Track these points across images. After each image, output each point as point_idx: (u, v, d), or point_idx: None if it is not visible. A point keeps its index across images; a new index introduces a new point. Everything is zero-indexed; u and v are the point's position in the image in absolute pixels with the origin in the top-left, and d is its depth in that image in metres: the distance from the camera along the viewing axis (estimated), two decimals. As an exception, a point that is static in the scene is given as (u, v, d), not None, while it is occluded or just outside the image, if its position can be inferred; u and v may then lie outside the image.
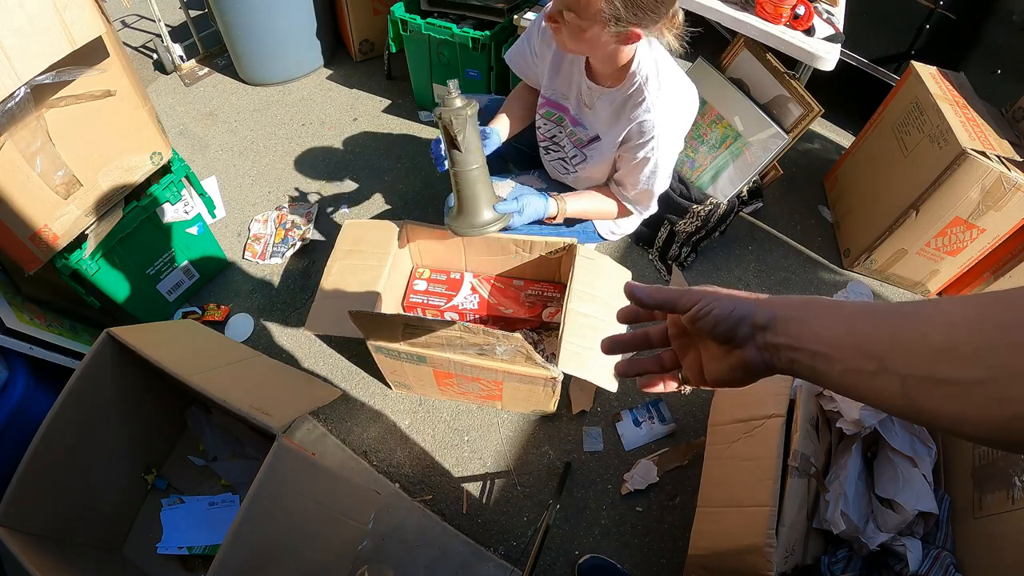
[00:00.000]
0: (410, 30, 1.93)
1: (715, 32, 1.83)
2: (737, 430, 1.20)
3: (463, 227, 1.09)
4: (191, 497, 1.33)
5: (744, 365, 0.40)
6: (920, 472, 1.09)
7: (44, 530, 1.08)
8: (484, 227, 1.09)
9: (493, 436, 1.50)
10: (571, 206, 1.22)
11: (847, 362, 0.34)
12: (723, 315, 0.40)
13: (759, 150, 1.55)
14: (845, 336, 0.35)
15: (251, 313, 1.72)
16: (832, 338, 0.35)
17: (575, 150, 1.25)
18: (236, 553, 0.91)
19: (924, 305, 0.33)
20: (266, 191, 2.03)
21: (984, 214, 1.54)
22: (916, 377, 0.31)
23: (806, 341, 0.37)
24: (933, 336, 0.31)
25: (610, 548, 1.35)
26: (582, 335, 1.16)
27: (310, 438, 1.47)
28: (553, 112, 1.26)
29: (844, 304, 0.37)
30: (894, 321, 0.33)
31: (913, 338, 0.32)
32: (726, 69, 1.65)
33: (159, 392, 1.30)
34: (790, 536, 1.00)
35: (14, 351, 1.21)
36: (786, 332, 0.38)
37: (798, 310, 0.38)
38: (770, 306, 0.39)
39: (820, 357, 0.36)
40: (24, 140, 1.08)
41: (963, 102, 1.65)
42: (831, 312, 0.37)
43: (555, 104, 1.24)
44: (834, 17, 1.55)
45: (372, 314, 1.12)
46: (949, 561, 1.03)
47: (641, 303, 0.45)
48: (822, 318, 0.37)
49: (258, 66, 2.34)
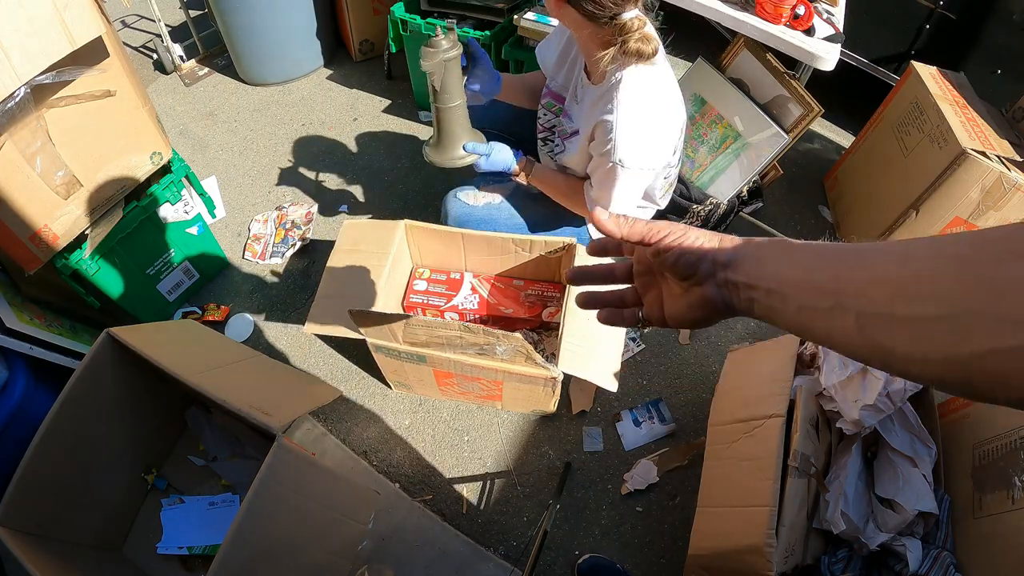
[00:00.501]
0: (410, 30, 1.93)
1: (715, 32, 1.83)
2: (737, 430, 1.20)
3: (435, 157, 1.17)
4: (191, 497, 1.33)
5: (703, 303, 0.41)
6: (920, 472, 1.09)
7: (44, 530, 1.08)
8: (453, 160, 1.16)
9: (493, 436, 1.50)
10: (538, 173, 1.26)
11: (802, 299, 0.34)
12: (686, 250, 0.41)
13: (759, 150, 1.55)
14: (802, 274, 0.35)
15: (251, 313, 1.72)
16: (788, 276, 0.36)
17: (561, 142, 1.26)
18: (236, 553, 0.91)
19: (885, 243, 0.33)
20: (266, 191, 2.03)
21: (984, 214, 1.54)
22: (872, 314, 0.31)
23: (763, 279, 0.37)
24: (891, 272, 0.31)
25: (610, 548, 1.35)
26: (582, 335, 1.16)
27: (310, 438, 1.47)
28: (554, 103, 1.27)
29: (805, 244, 0.37)
30: (851, 259, 0.33)
31: (870, 275, 0.32)
32: (726, 69, 1.65)
33: (159, 392, 1.30)
34: (790, 536, 0.99)
35: (14, 351, 1.21)
36: (745, 270, 0.38)
37: (759, 250, 0.38)
38: (733, 246, 0.40)
39: (776, 295, 0.36)
40: (24, 140, 1.08)
41: (963, 102, 1.65)
42: (791, 251, 0.37)
43: (557, 96, 1.26)
44: (834, 17, 1.55)
45: (372, 313, 1.12)
46: (949, 561, 1.03)
47: (610, 234, 0.45)
48: (781, 257, 0.37)
49: (258, 66, 2.34)
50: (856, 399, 1.09)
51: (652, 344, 1.67)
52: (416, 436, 1.50)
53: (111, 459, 1.24)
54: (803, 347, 1.24)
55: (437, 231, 1.36)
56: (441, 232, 1.36)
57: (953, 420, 1.23)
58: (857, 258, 0.33)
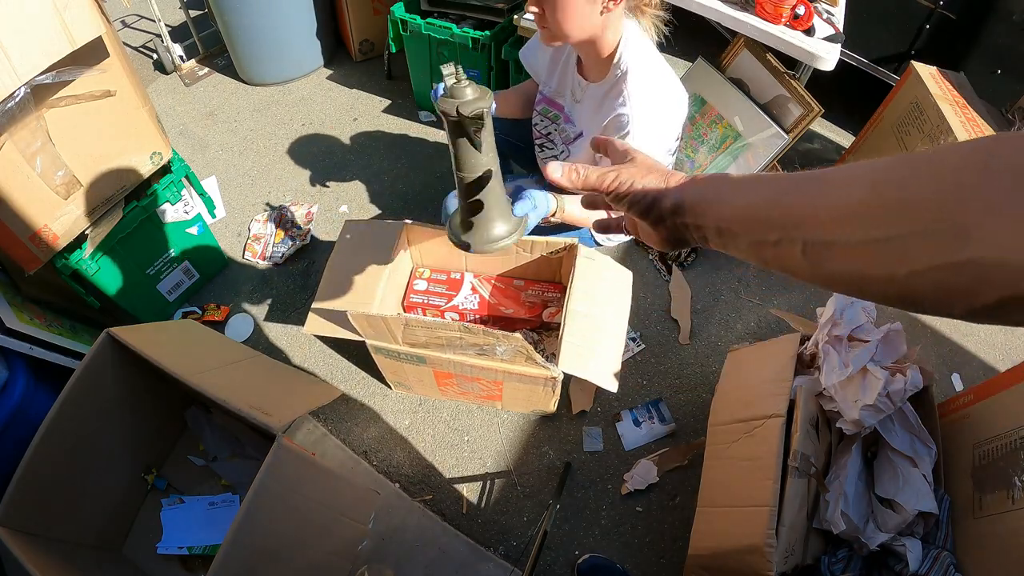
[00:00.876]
0: (410, 30, 1.93)
1: (715, 32, 1.83)
2: (737, 430, 1.20)
3: (480, 243, 0.83)
4: (191, 497, 1.33)
5: (666, 240, 0.44)
6: (920, 472, 1.09)
7: (44, 530, 1.08)
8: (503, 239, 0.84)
9: (493, 436, 1.50)
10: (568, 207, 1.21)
11: (752, 235, 0.36)
12: (636, 198, 0.44)
13: (759, 150, 1.55)
14: (747, 210, 0.37)
15: (251, 313, 1.72)
16: (734, 214, 0.37)
17: (563, 147, 1.26)
18: (236, 553, 0.91)
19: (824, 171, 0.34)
20: (266, 191, 2.03)
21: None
22: (816, 242, 0.32)
23: (712, 220, 0.39)
24: (832, 200, 0.32)
25: (610, 548, 1.35)
26: (582, 335, 1.16)
27: (310, 439, 1.47)
28: (549, 110, 1.26)
29: (748, 180, 0.38)
30: (792, 190, 0.34)
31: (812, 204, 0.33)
32: (726, 69, 1.65)
33: (159, 392, 1.30)
34: (790, 536, 0.99)
35: (14, 351, 1.20)
36: (692, 213, 0.40)
37: (703, 191, 0.40)
38: (679, 191, 0.41)
39: (726, 232, 0.38)
40: (24, 140, 1.08)
41: (963, 102, 1.65)
42: (734, 189, 0.38)
43: (552, 102, 1.25)
44: (834, 17, 1.55)
45: (372, 315, 1.12)
46: (949, 561, 1.03)
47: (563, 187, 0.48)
48: (725, 196, 0.39)
49: (258, 66, 2.34)
50: (856, 399, 1.09)
51: (652, 344, 1.67)
52: (416, 436, 1.50)
53: (111, 459, 1.24)
54: (803, 347, 1.24)
55: (437, 231, 1.36)
56: (441, 232, 1.35)
57: (953, 420, 1.23)
58: (798, 189, 0.34)
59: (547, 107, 1.27)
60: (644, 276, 1.81)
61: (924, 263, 0.27)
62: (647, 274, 1.83)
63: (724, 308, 1.76)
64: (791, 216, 0.34)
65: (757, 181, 0.37)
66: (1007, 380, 1.15)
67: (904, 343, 1.15)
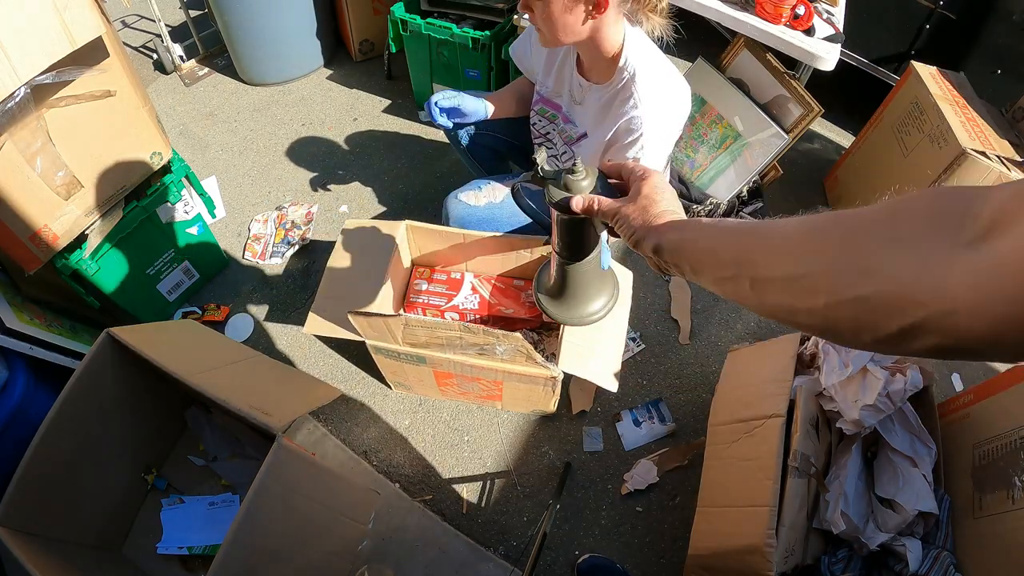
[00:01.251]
0: (410, 30, 1.93)
1: (715, 32, 1.83)
2: (737, 430, 1.20)
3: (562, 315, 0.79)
4: (191, 497, 1.33)
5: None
6: (920, 472, 1.09)
7: (44, 530, 1.08)
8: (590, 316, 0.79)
9: (493, 436, 1.50)
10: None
11: (714, 272, 0.45)
12: (626, 236, 0.55)
13: (759, 150, 1.55)
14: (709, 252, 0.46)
15: (251, 313, 1.72)
16: (701, 256, 0.47)
17: (565, 147, 1.25)
18: (236, 553, 0.91)
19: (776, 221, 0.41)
20: (266, 191, 2.03)
21: (984, 214, 1.54)
22: (758, 279, 0.40)
23: (684, 260, 0.49)
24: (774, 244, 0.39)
25: (610, 548, 1.35)
26: (582, 335, 1.16)
27: (310, 439, 1.47)
28: (547, 109, 1.26)
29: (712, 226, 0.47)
30: (748, 236, 0.42)
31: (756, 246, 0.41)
32: (726, 69, 1.65)
33: (159, 392, 1.30)
34: (790, 536, 0.99)
35: (14, 351, 1.20)
36: (670, 254, 0.50)
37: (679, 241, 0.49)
38: (657, 235, 0.51)
39: (696, 269, 0.47)
40: (24, 140, 1.08)
41: (963, 102, 1.65)
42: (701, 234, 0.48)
43: (549, 102, 1.25)
44: (834, 17, 1.55)
45: (372, 314, 1.12)
46: (949, 561, 1.03)
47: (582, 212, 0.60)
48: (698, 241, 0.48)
49: (258, 66, 2.34)
50: (856, 399, 1.09)
51: (652, 344, 1.67)
52: (416, 436, 1.50)
53: (111, 459, 1.24)
54: (803, 347, 1.24)
55: (438, 231, 1.36)
56: (442, 232, 1.36)
57: (953, 420, 1.23)
58: (753, 235, 0.42)
59: (544, 107, 1.26)
60: (644, 276, 1.81)
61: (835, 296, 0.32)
62: (647, 274, 1.83)
63: (724, 308, 1.76)
64: (740, 256, 0.42)
65: (719, 228, 0.46)
66: (1007, 380, 1.15)
67: (904, 343, 1.15)
